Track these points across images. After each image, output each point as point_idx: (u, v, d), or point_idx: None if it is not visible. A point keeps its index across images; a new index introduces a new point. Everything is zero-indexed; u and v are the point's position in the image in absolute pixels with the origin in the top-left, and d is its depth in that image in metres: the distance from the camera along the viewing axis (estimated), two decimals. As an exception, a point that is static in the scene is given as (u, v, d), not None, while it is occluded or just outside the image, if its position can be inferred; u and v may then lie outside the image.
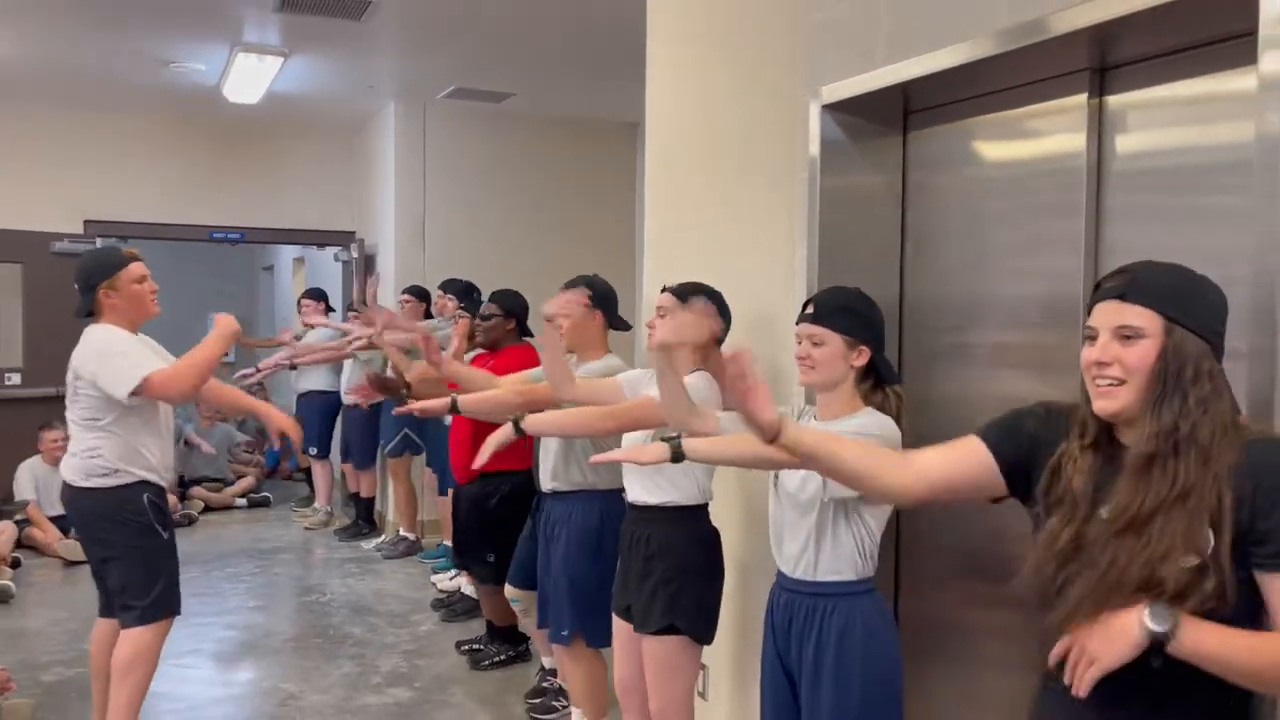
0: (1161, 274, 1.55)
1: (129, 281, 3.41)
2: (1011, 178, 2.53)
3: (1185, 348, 1.48)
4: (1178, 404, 1.46)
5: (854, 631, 2.24)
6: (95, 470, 3.37)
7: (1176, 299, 1.50)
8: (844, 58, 2.67)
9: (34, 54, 6.17)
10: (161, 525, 3.49)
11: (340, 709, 4.22)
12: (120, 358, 3.29)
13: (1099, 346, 1.54)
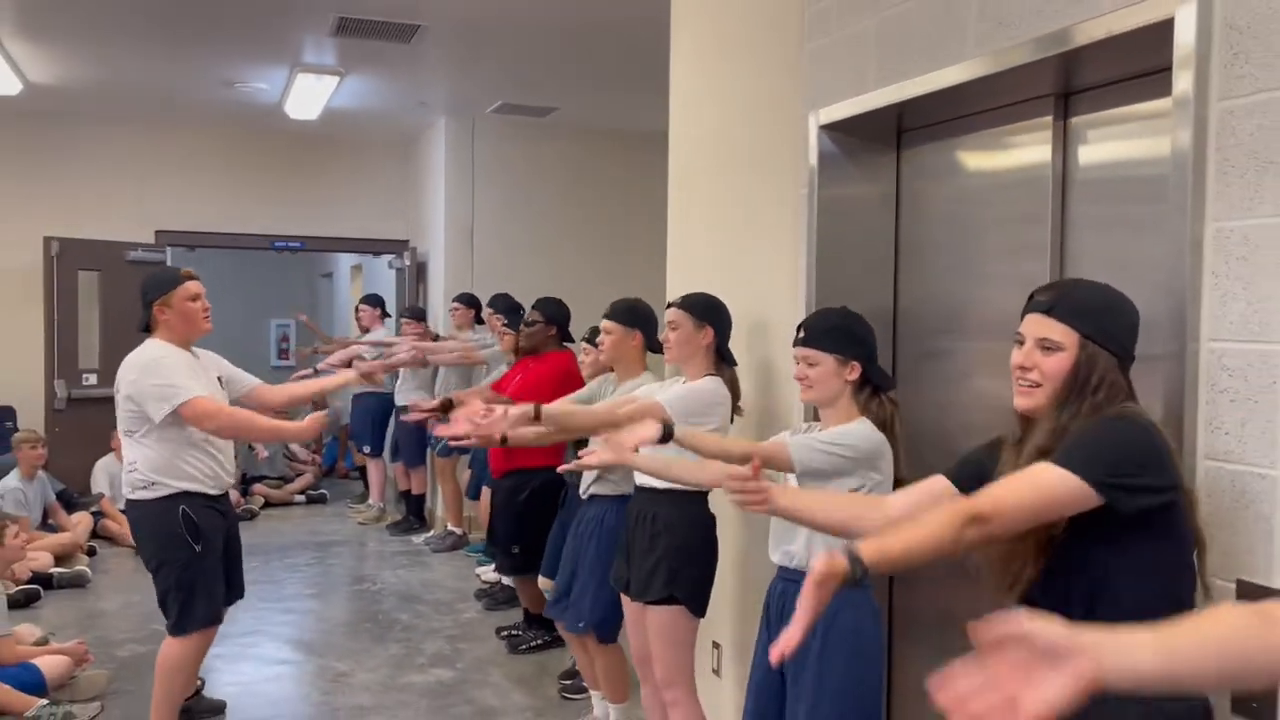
0: (1086, 293, 1.77)
1: (182, 299, 3.59)
2: (991, 189, 2.75)
3: (1096, 361, 1.69)
4: (1075, 408, 1.68)
5: (842, 622, 2.43)
6: (135, 483, 3.55)
7: (1095, 318, 1.72)
8: (838, 82, 2.91)
9: (111, 77, 6.63)
10: (194, 538, 3.55)
11: (386, 686, 4.53)
12: (163, 380, 3.43)
13: (1023, 352, 1.76)
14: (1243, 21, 1.79)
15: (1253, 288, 1.77)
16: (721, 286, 3.37)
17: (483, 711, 4.25)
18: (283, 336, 14.04)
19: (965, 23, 2.44)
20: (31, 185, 7.91)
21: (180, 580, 3.58)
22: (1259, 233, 1.76)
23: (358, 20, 5.20)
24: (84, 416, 7.55)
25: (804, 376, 2.48)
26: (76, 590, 5.97)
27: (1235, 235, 1.80)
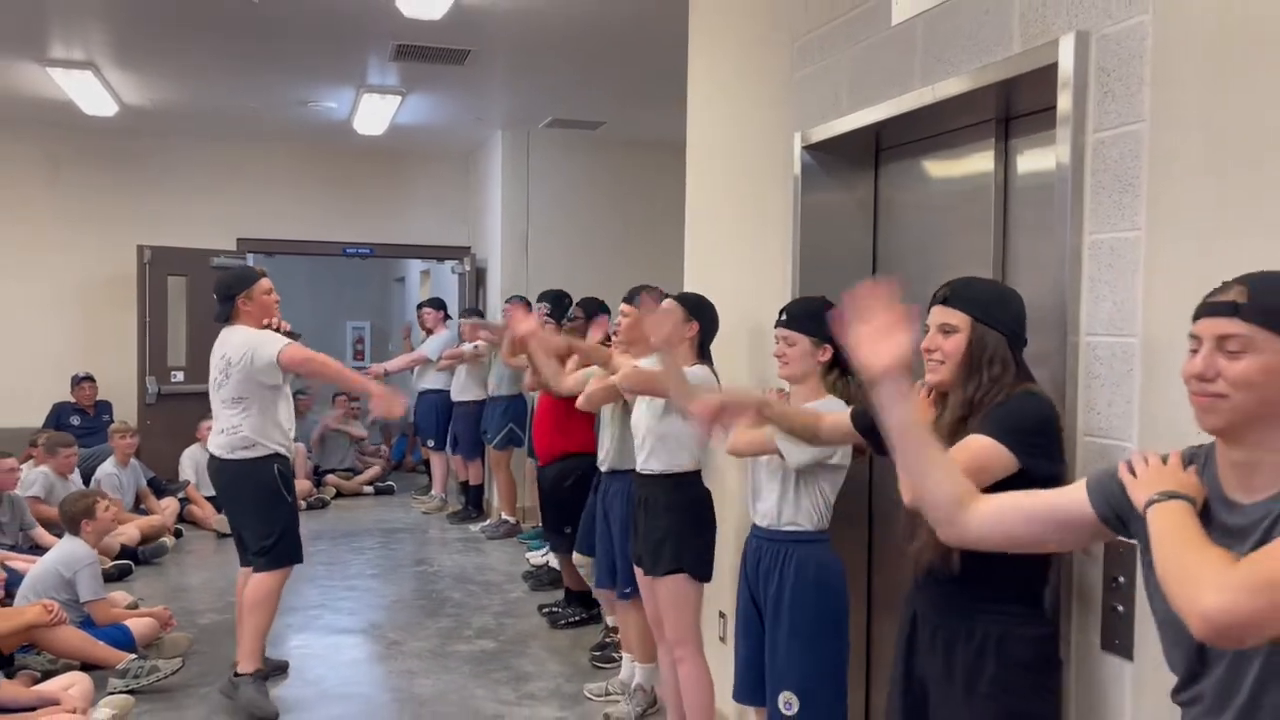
0: (976, 286, 2.11)
1: (261, 293, 4.27)
2: (950, 199, 3.06)
3: (986, 340, 2.03)
4: (976, 380, 2.02)
5: (808, 571, 2.81)
6: (237, 444, 4.20)
7: (983, 305, 2.06)
8: (817, 107, 3.26)
9: (196, 99, 7.24)
10: (287, 491, 4.30)
11: (435, 654, 4.98)
12: (268, 339, 4.16)
13: (928, 338, 2.11)
14: (1110, 64, 2.10)
15: (1117, 290, 2.08)
16: (727, 284, 3.75)
17: (519, 676, 4.67)
18: (358, 338, 14.74)
19: (913, 59, 2.78)
20: (126, 198, 8.61)
21: (276, 524, 4.25)
22: (1121, 244, 2.07)
23: (413, 46, 5.68)
24: (172, 410, 8.19)
25: (782, 354, 2.84)
26: (163, 567, 6.57)
27: (1104, 246, 2.11)
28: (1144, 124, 2.02)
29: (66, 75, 6.40)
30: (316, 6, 5.02)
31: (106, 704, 3.96)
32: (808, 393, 2.85)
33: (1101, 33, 2.13)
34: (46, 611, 4.35)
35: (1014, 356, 2.07)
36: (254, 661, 4.26)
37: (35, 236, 8.47)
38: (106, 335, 8.47)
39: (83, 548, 4.80)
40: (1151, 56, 2.01)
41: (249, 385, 4.16)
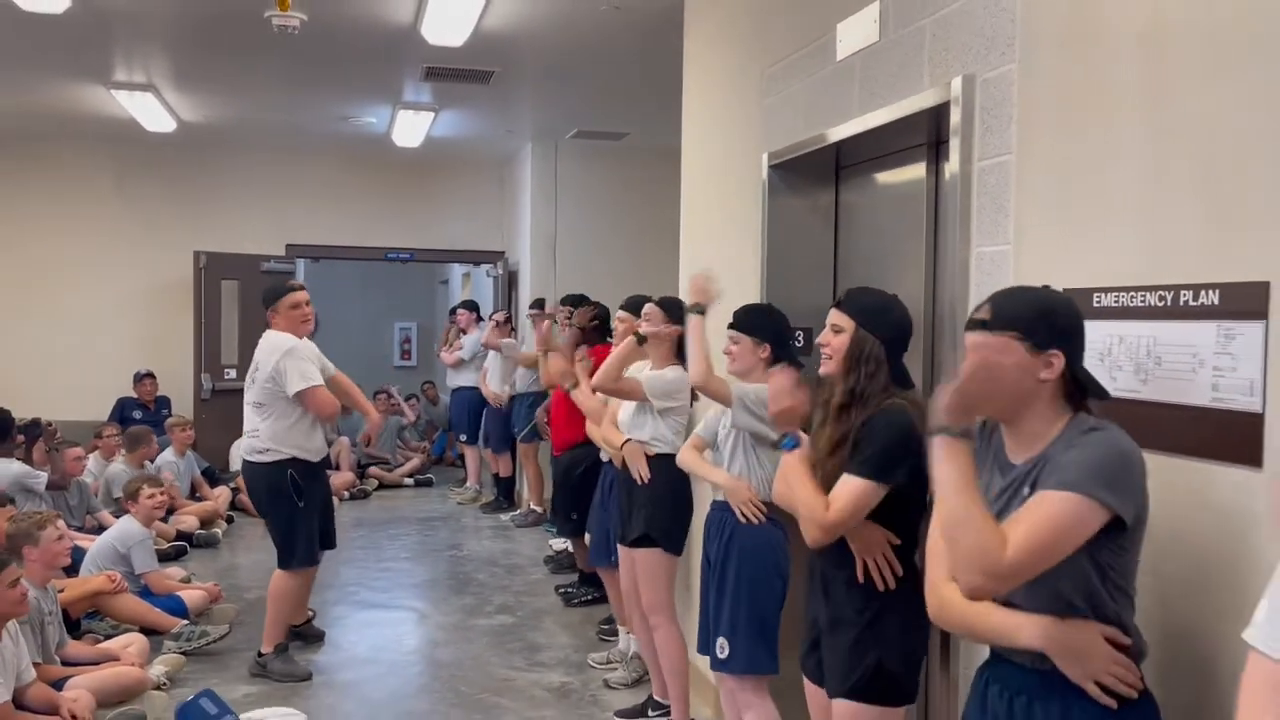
0: (865, 295, 2.49)
1: (287, 306, 4.55)
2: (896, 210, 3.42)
3: (865, 342, 2.41)
4: (855, 375, 2.40)
5: (748, 535, 3.17)
6: (254, 448, 4.51)
7: (867, 312, 2.44)
8: (780, 130, 3.65)
9: (248, 115, 7.80)
10: (298, 496, 4.49)
11: (458, 626, 5.44)
12: (303, 363, 4.39)
13: (823, 334, 2.49)
14: (989, 104, 2.47)
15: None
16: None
17: (531, 647, 5.11)
18: (405, 338, 15.32)
19: (854, 90, 3.16)
20: (183, 207, 9.24)
21: (287, 527, 4.57)
22: (997, 256, 2.44)
23: (442, 68, 6.15)
24: (225, 405, 8.76)
25: (729, 351, 3.23)
26: (215, 549, 7.12)
27: (985, 257, 2.49)
28: (1011, 156, 2.39)
29: (130, 97, 6.98)
30: (353, 33, 5.50)
31: (161, 661, 4.47)
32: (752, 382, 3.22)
33: (984, 77, 2.50)
34: (110, 581, 4.88)
35: (890, 358, 2.43)
36: (272, 642, 4.61)
37: (102, 244, 9.14)
38: (165, 335, 9.09)
39: (135, 525, 5.32)
40: (1018, 99, 2.38)
41: (268, 394, 4.43)
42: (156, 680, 4.26)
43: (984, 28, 2.50)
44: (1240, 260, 1.79)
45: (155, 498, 5.52)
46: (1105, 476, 1.64)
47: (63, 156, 9.07)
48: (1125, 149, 2.06)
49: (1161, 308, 1.94)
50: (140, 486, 5.49)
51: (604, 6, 4.93)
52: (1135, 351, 2.00)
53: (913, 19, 2.82)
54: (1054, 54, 2.27)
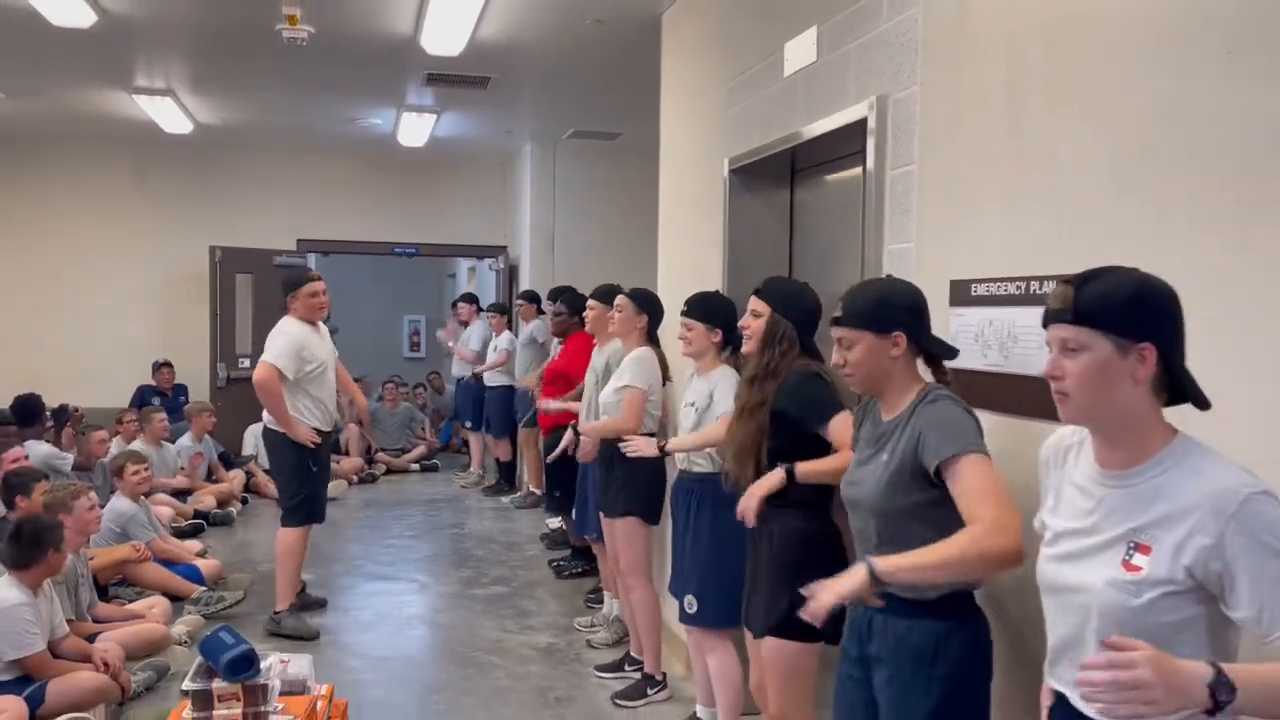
0: (781, 284, 2.88)
1: (306, 294, 5.06)
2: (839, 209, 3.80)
3: (779, 325, 2.80)
4: (770, 353, 2.79)
5: (708, 501, 3.55)
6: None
7: (781, 298, 2.83)
8: (740, 137, 4.03)
9: (260, 117, 8.22)
10: (313, 461, 5.04)
11: (456, 595, 5.85)
12: (282, 344, 4.89)
13: (744, 318, 2.88)
14: (898, 120, 2.86)
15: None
16: (686, 274, 4.53)
17: (522, 613, 5.52)
18: (414, 331, 15.75)
19: (798, 103, 3.54)
20: (200, 204, 9.68)
21: (297, 486, 5.07)
22: (904, 252, 2.83)
23: (442, 74, 6.54)
24: (240, 393, 9.17)
25: (684, 337, 3.60)
26: (230, 528, 7.55)
27: (895, 253, 2.87)
28: (914, 165, 2.78)
29: (150, 101, 7.40)
30: (358, 43, 5.89)
31: (182, 622, 4.90)
32: (706, 366, 3.59)
33: (895, 96, 2.88)
34: (135, 550, 5.30)
35: (801, 339, 2.82)
36: (287, 599, 5.11)
37: (122, 238, 9.59)
38: (183, 326, 9.53)
39: (124, 502, 5.67)
40: (919, 116, 2.76)
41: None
42: (179, 637, 4.68)
43: (895, 54, 2.88)
44: (1075, 256, 2.16)
45: (140, 474, 5.80)
46: (971, 432, 2.07)
47: (85, 156, 9.52)
48: (991, 165, 2.44)
49: (1019, 295, 2.32)
50: (125, 463, 5.82)
51: (588, 21, 5.31)
52: (1000, 332, 2.38)
53: (841, 44, 3.20)
54: (943, 81, 2.66)
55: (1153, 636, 1.43)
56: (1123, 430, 1.59)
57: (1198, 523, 1.49)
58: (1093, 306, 1.57)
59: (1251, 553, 1.44)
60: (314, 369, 5.05)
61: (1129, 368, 1.55)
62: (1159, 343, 1.55)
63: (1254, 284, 1.76)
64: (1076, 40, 2.17)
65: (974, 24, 2.53)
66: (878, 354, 2.15)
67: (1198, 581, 1.50)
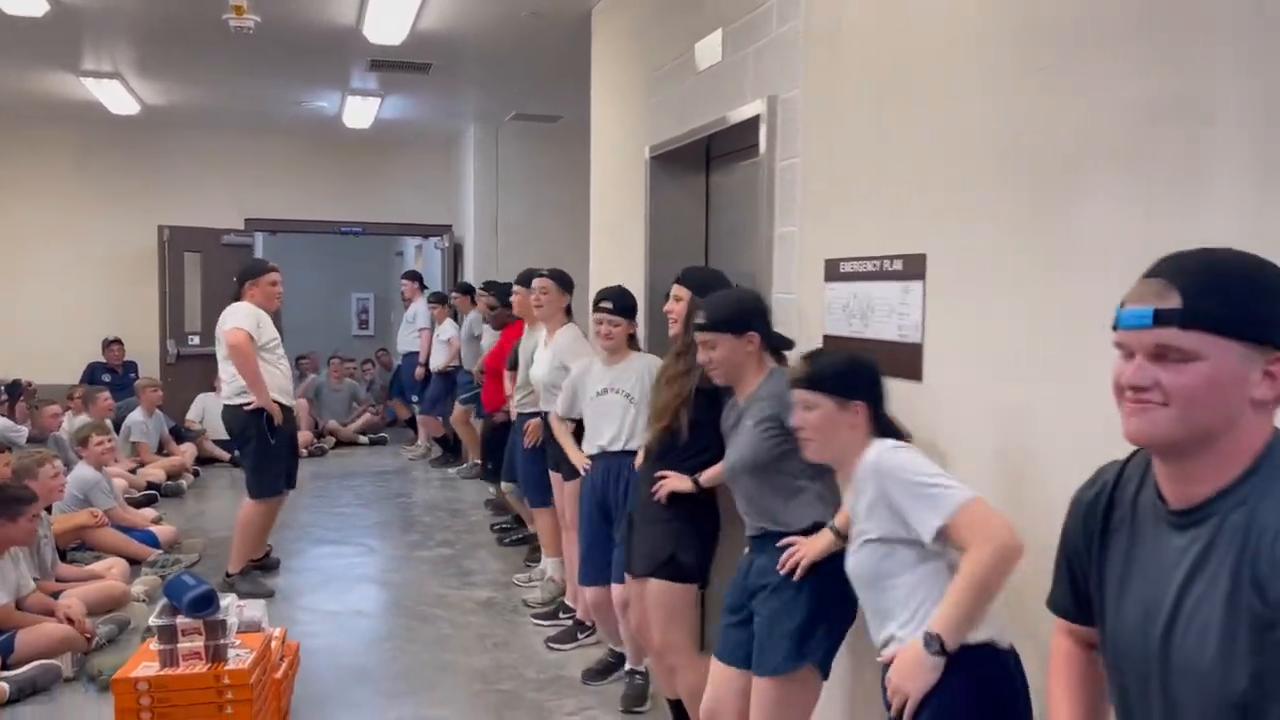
0: (698, 271, 3.28)
1: (266, 283, 5.34)
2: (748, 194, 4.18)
3: (697, 306, 3.17)
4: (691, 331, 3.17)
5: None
6: (236, 392, 5.25)
7: (697, 283, 3.20)
8: (660, 126, 4.39)
9: (208, 98, 8.41)
10: (271, 434, 5.27)
11: (403, 557, 6.20)
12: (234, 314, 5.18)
13: (669, 304, 3.26)
14: (786, 117, 3.24)
15: (788, 266, 3.23)
16: (611, 255, 4.88)
17: (464, 572, 5.88)
18: (362, 309, 15.93)
19: (708, 98, 3.91)
20: (147, 184, 9.84)
21: (260, 460, 5.33)
22: (790, 235, 3.22)
23: (384, 61, 6.81)
24: (189, 368, 9.42)
25: (609, 333, 3.95)
26: (181, 499, 7.80)
27: (783, 236, 3.26)
28: (798, 159, 3.16)
29: (97, 84, 7.57)
30: (303, 32, 6.14)
31: (140, 581, 5.19)
32: (622, 354, 3.95)
33: (783, 96, 3.26)
34: (93, 517, 5.57)
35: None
36: (240, 564, 5.40)
37: (69, 217, 9.72)
38: (132, 303, 9.70)
39: (89, 470, 5.93)
40: (802, 115, 3.14)
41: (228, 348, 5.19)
42: (138, 595, 4.98)
43: (783, 58, 3.25)
44: (912, 238, 2.57)
45: (104, 444, 6.09)
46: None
47: (31, 137, 9.61)
48: (859, 159, 2.84)
49: (874, 271, 2.72)
50: (89, 434, 6.08)
51: (524, 13, 5.63)
52: (861, 304, 2.78)
53: (741, 46, 3.57)
54: (821, 85, 3.04)
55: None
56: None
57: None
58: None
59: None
60: (271, 341, 5.33)
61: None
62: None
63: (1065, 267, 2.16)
64: (924, 53, 2.56)
65: (846, 34, 2.91)
66: (737, 352, 2.65)
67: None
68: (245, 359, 5.13)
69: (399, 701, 4.05)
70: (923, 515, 1.98)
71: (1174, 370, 1.21)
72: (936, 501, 1.97)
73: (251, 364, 5.14)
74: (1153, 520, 1.32)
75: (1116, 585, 1.37)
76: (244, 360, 5.13)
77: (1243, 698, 1.17)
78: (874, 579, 2.12)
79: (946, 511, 1.95)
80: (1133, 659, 1.33)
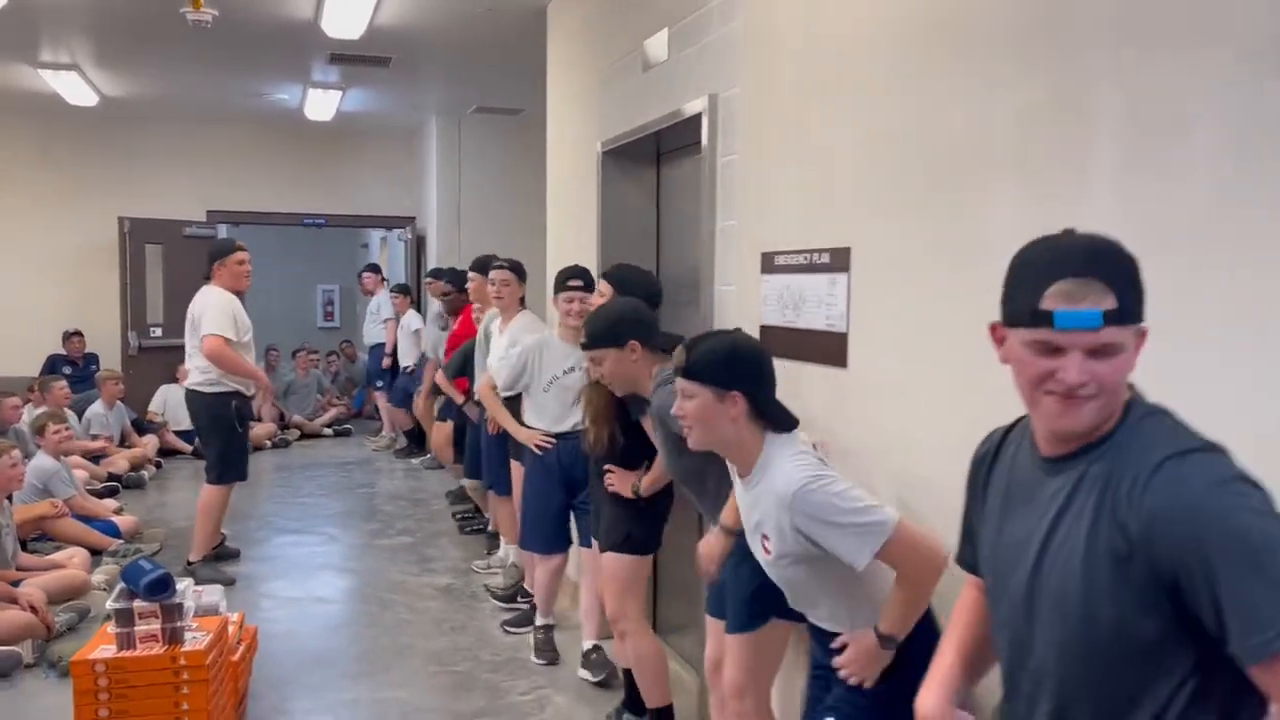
0: (622, 269, 3.40)
1: (234, 262, 5.41)
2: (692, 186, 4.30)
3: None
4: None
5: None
6: (206, 382, 5.33)
7: (623, 281, 3.33)
8: (611, 122, 4.50)
9: (168, 90, 8.41)
10: (239, 424, 5.42)
11: (363, 545, 6.28)
12: (222, 316, 5.22)
13: (593, 297, 3.37)
14: (727, 115, 3.36)
15: (728, 258, 3.35)
16: (568, 252, 4.99)
17: (424, 559, 5.98)
18: (328, 300, 15.92)
19: (656, 95, 4.02)
20: (108, 176, 9.82)
21: (225, 447, 5.42)
22: (731, 229, 3.34)
23: (345, 55, 6.87)
24: (151, 360, 9.42)
25: (580, 312, 4.04)
26: (143, 490, 7.83)
27: (725, 230, 3.38)
28: (737, 156, 3.28)
29: (55, 75, 7.56)
30: (262, 26, 6.19)
31: (101, 571, 5.25)
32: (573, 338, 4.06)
33: (724, 95, 3.37)
34: (53, 507, 5.61)
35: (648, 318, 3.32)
36: (201, 551, 5.49)
37: (28, 209, 9.68)
38: (93, 295, 9.69)
39: (47, 460, 5.96)
40: (740, 114, 3.26)
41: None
42: (98, 584, 5.03)
43: (724, 58, 3.37)
44: (838, 232, 2.70)
45: (60, 432, 6.13)
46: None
47: (-12, 127, 9.58)
48: (790, 156, 2.96)
49: (804, 264, 2.84)
50: (46, 423, 6.11)
51: (480, 9, 5.71)
52: (794, 294, 2.91)
53: (685, 46, 3.68)
54: (757, 85, 3.16)
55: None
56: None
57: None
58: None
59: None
60: (247, 335, 5.41)
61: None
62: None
63: (971, 263, 2.29)
64: (847, 54, 2.69)
65: (778, 37, 3.03)
66: (621, 363, 2.84)
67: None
68: (225, 361, 5.23)
69: (357, 683, 4.15)
70: (852, 551, 2.02)
71: (1106, 364, 1.29)
72: (865, 538, 2.01)
73: (233, 363, 5.25)
74: (1030, 468, 1.45)
75: (995, 527, 1.50)
76: (227, 364, 5.24)
77: (1101, 619, 1.31)
78: (804, 586, 2.23)
79: (875, 546, 2.01)
80: (1009, 591, 1.44)
